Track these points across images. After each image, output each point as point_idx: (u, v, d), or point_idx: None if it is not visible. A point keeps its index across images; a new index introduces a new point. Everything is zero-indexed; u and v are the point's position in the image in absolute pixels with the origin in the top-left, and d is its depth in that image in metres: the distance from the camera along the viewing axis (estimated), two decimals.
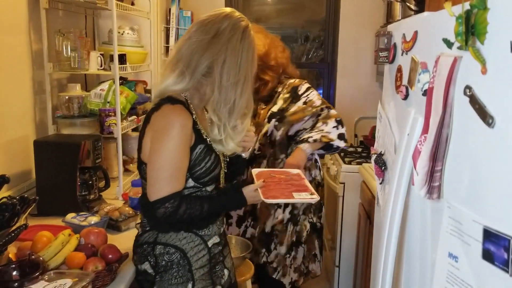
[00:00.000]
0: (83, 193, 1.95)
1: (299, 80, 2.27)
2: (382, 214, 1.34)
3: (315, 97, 2.21)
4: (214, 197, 1.47)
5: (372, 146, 1.65)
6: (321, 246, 2.41)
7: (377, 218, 1.65)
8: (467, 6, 0.82)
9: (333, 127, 2.15)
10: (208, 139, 1.42)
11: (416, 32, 1.23)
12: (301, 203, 2.22)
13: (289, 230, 2.28)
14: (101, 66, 2.18)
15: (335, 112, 2.21)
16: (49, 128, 2.15)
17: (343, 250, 2.94)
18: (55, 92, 2.27)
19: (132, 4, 2.59)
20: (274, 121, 2.19)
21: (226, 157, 1.53)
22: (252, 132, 1.59)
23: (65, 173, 1.88)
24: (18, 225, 1.32)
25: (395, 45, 1.45)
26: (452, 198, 0.94)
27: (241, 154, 1.60)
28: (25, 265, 1.28)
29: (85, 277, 1.23)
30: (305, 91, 2.22)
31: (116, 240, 1.56)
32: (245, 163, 1.70)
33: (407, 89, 1.27)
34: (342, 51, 3.68)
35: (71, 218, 1.72)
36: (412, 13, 2.65)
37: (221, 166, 1.48)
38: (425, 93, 1.07)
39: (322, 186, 2.43)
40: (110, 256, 1.40)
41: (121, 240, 1.60)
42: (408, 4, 2.69)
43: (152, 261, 1.40)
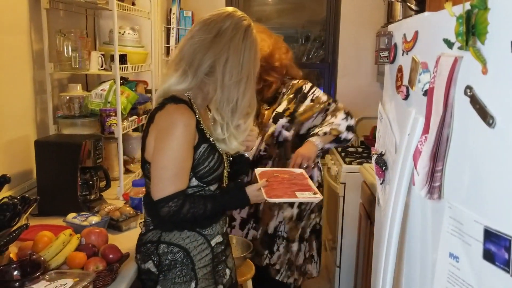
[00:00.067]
0: (84, 193, 1.95)
1: (302, 81, 2.29)
2: (382, 214, 1.34)
3: (321, 93, 2.26)
4: (218, 196, 1.47)
5: (372, 146, 1.65)
6: (319, 248, 2.41)
7: (377, 218, 1.65)
8: (467, 6, 0.82)
9: (343, 118, 2.19)
10: (211, 139, 1.42)
11: (416, 32, 1.22)
12: (304, 202, 2.22)
13: (298, 226, 2.30)
14: (102, 66, 2.19)
15: (342, 104, 2.26)
16: (50, 128, 2.15)
17: (344, 250, 2.94)
18: (56, 92, 2.27)
19: (133, 4, 2.59)
20: (284, 122, 2.20)
21: (230, 157, 1.53)
22: (255, 132, 1.59)
23: (66, 173, 1.88)
24: (19, 225, 1.32)
25: (395, 45, 1.45)
26: (452, 198, 0.94)
27: (244, 153, 1.60)
28: (26, 265, 1.28)
29: (86, 277, 1.23)
30: (310, 89, 2.26)
31: (117, 240, 1.56)
32: (248, 162, 1.70)
33: (407, 89, 1.27)
34: (342, 51, 3.68)
35: (72, 218, 1.72)
36: (413, 13, 2.64)
37: (224, 165, 1.48)
38: (425, 93, 1.07)
39: (321, 187, 2.43)
40: (111, 256, 1.40)
41: (122, 240, 1.61)
42: (409, 4, 2.69)
43: (156, 260, 1.41)
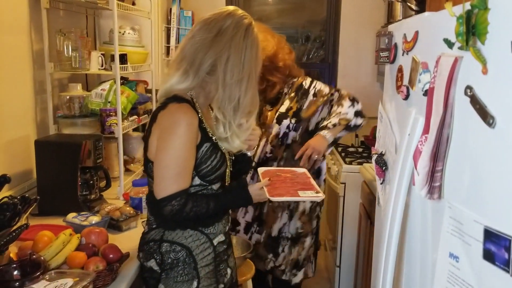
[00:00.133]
0: (84, 193, 1.95)
1: (301, 77, 2.29)
2: (382, 214, 1.34)
3: (322, 86, 2.25)
4: (220, 195, 1.47)
5: (373, 146, 1.65)
6: (315, 248, 2.42)
7: (377, 218, 1.65)
8: (468, 6, 0.82)
9: (349, 106, 2.18)
10: (214, 138, 1.43)
11: (417, 32, 1.23)
12: (306, 201, 2.22)
13: (311, 220, 2.31)
14: (102, 66, 2.19)
15: (345, 91, 2.24)
16: (50, 128, 2.15)
17: (344, 250, 2.94)
18: (56, 92, 2.27)
19: (133, 4, 2.59)
20: (289, 122, 2.19)
21: (232, 156, 1.53)
22: (257, 131, 1.60)
23: (66, 173, 1.88)
24: (19, 224, 1.32)
25: (396, 45, 1.45)
26: (452, 198, 0.94)
27: (246, 152, 1.60)
28: (26, 264, 1.28)
29: (86, 277, 1.23)
30: (310, 84, 2.25)
31: (117, 240, 1.56)
32: (250, 162, 1.70)
33: (408, 89, 1.27)
34: (342, 51, 3.68)
35: (72, 217, 1.72)
36: (413, 13, 2.64)
37: (227, 164, 1.48)
38: (425, 93, 1.07)
39: (324, 182, 2.44)
40: (111, 255, 1.40)
41: (122, 240, 1.61)
42: (409, 4, 2.69)
43: (158, 259, 1.41)
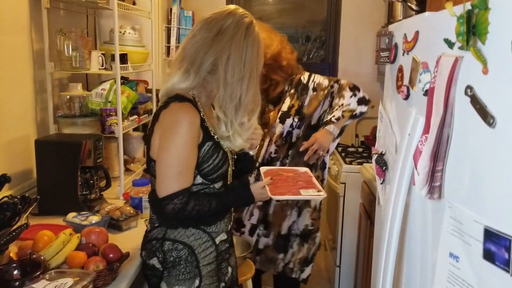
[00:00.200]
0: (84, 192, 1.95)
1: (299, 74, 2.28)
2: (383, 214, 1.34)
3: (320, 78, 2.23)
4: (222, 193, 1.48)
5: (373, 146, 1.65)
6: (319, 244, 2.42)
7: (378, 218, 1.65)
8: (468, 6, 0.82)
9: (350, 96, 2.16)
10: (215, 137, 1.43)
11: (417, 32, 1.22)
12: (308, 199, 2.22)
13: (320, 215, 2.33)
14: (102, 66, 2.19)
15: (345, 81, 2.22)
16: (50, 128, 2.15)
17: (344, 250, 2.94)
18: (56, 91, 2.27)
19: (134, 3, 2.59)
20: (295, 121, 2.18)
21: (234, 155, 1.54)
22: (259, 130, 1.60)
23: (66, 173, 1.88)
24: (19, 224, 1.32)
25: (396, 45, 1.45)
26: (453, 198, 0.94)
27: (248, 151, 1.60)
28: (26, 264, 1.28)
29: (86, 277, 1.23)
30: (309, 78, 2.24)
31: (117, 240, 1.57)
32: (253, 161, 1.70)
33: (408, 89, 1.27)
34: (343, 51, 3.68)
35: (72, 217, 1.72)
36: (413, 13, 2.64)
37: (229, 163, 1.49)
38: (426, 93, 1.07)
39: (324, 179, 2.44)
40: (111, 255, 1.40)
41: (122, 240, 1.61)
42: (409, 4, 2.69)
43: (160, 257, 1.42)
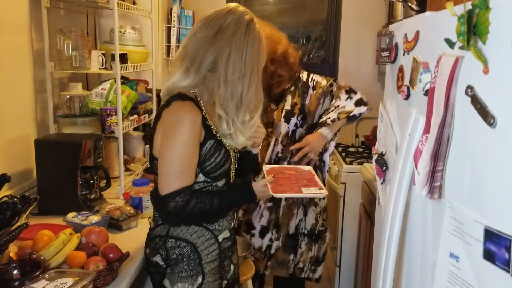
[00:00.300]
0: (84, 192, 1.95)
1: (299, 72, 2.28)
2: (383, 214, 1.34)
3: (319, 78, 2.24)
4: (224, 191, 1.48)
5: (373, 146, 1.65)
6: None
7: (378, 218, 1.65)
8: (469, 6, 0.82)
9: (346, 99, 2.16)
10: (217, 135, 1.43)
11: (417, 32, 1.22)
12: (309, 197, 2.21)
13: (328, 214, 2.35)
14: (102, 65, 2.18)
15: (342, 83, 2.23)
16: (50, 127, 2.15)
17: (344, 250, 2.94)
18: (56, 91, 2.27)
19: (134, 3, 2.59)
20: (298, 120, 2.18)
21: (237, 153, 1.54)
22: (262, 129, 1.60)
23: (66, 172, 1.88)
24: (19, 224, 1.32)
25: (396, 45, 1.45)
26: (453, 198, 0.94)
27: (251, 150, 1.61)
28: (26, 264, 1.28)
29: (86, 276, 1.23)
30: (308, 77, 2.24)
31: (117, 239, 1.57)
32: (255, 159, 1.70)
33: (408, 89, 1.27)
34: (343, 51, 3.68)
35: (72, 217, 1.72)
36: (414, 13, 2.64)
37: (231, 161, 1.49)
38: (426, 93, 1.07)
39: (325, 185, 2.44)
40: (111, 255, 1.40)
41: (122, 239, 1.61)
42: (410, 4, 2.69)
43: (164, 254, 1.42)
